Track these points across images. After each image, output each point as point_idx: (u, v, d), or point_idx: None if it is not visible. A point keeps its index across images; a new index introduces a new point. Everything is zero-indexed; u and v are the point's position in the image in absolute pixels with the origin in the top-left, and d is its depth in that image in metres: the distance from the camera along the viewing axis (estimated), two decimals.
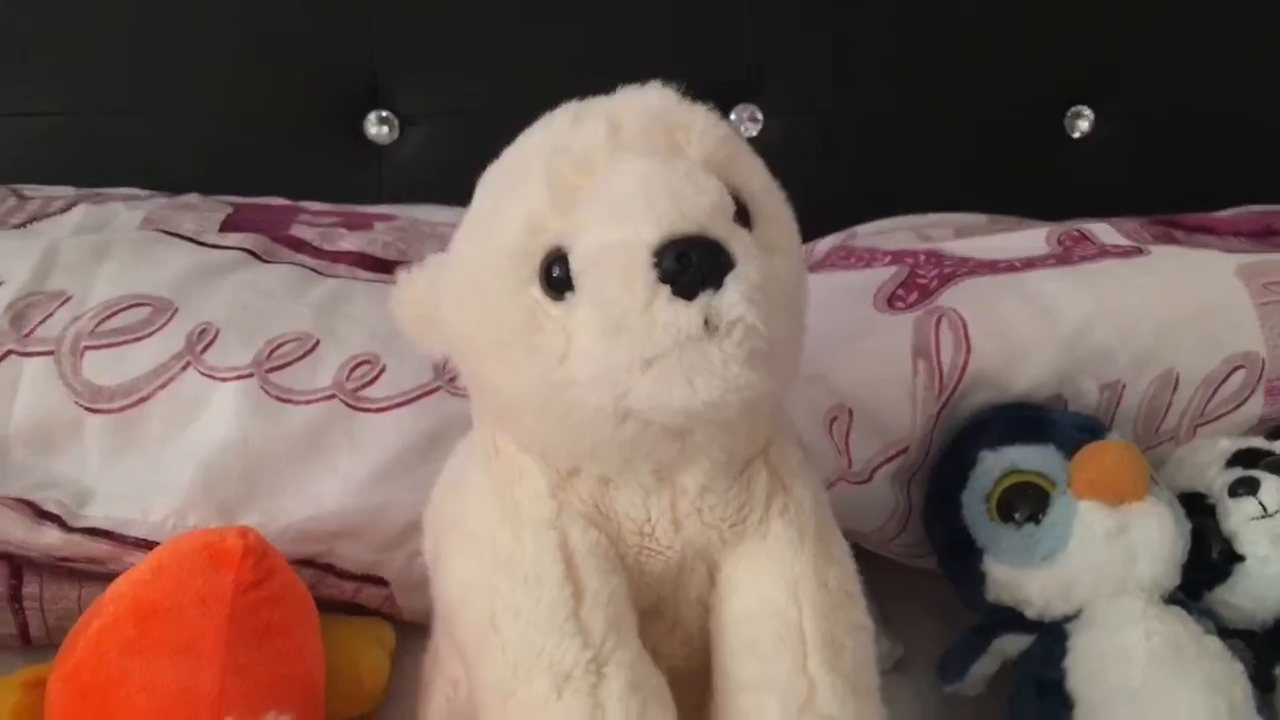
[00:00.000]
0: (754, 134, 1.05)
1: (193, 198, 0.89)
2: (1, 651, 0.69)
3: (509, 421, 0.52)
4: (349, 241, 0.82)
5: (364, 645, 0.67)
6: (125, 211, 0.82)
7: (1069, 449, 0.67)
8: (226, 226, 0.81)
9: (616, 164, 0.46)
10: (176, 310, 0.70)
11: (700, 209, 0.44)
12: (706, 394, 0.44)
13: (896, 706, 0.54)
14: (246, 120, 0.99)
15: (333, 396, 0.69)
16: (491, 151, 0.52)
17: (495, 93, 1.00)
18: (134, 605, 0.56)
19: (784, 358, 0.48)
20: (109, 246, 0.74)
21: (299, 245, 0.80)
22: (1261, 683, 0.64)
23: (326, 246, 0.81)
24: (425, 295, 0.54)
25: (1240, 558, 0.68)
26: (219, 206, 0.86)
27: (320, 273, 0.77)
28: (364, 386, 0.70)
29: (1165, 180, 1.11)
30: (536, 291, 0.47)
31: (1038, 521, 0.65)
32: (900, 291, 0.77)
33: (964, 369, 0.72)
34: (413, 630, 0.69)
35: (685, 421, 0.47)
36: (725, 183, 0.46)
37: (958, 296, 0.76)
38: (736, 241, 0.44)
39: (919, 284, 0.77)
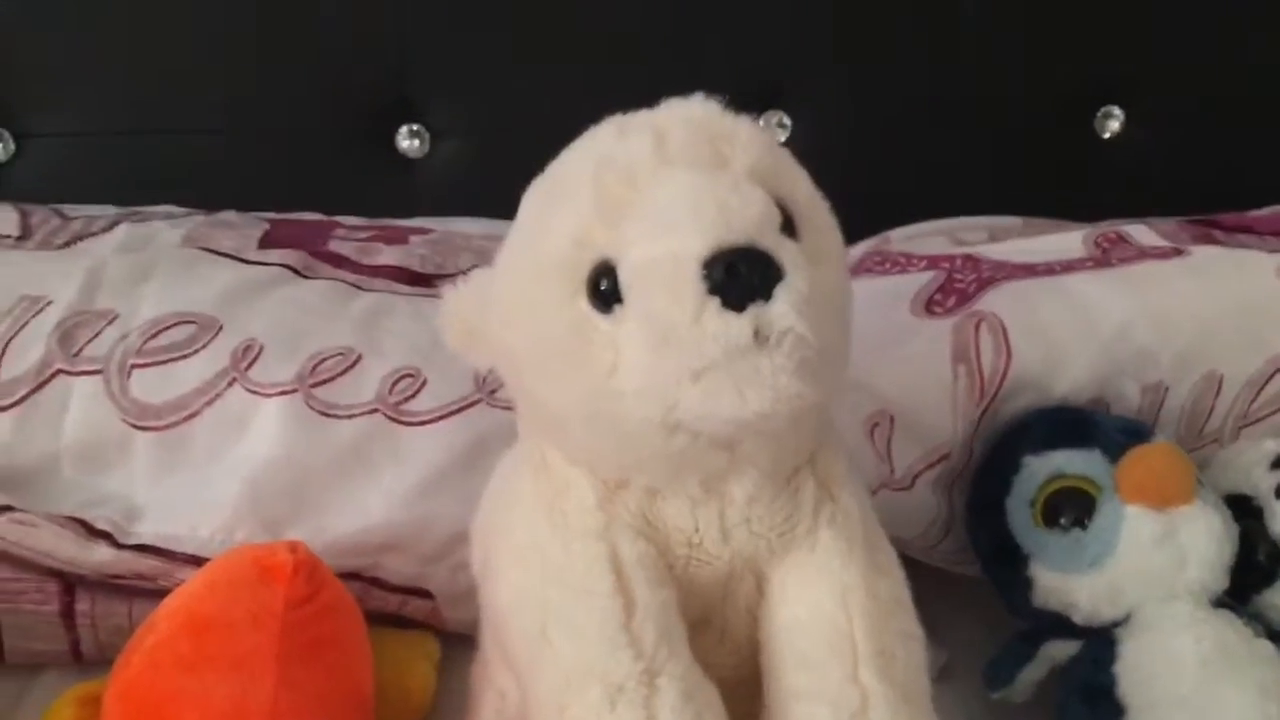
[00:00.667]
0: (783, 139, 1.05)
1: (230, 215, 0.90)
2: (53, 668, 0.69)
3: (556, 434, 0.52)
4: (387, 256, 0.82)
5: (411, 658, 0.68)
6: (166, 230, 0.83)
7: (1114, 453, 0.66)
8: (265, 243, 0.82)
9: (662, 177, 0.46)
10: (221, 327, 0.71)
11: (748, 220, 0.44)
12: (757, 405, 0.44)
13: (942, 715, 0.54)
14: (278, 135, 1.00)
15: (376, 410, 0.70)
16: (522, 164, 0.53)
17: (525, 106, 1.01)
18: (188, 621, 0.56)
19: (832, 367, 0.47)
20: (153, 265, 0.75)
21: (338, 260, 0.81)
22: None
23: (365, 261, 0.81)
24: (471, 309, 0.54)
25: None
26: (256, 223, 0.86)
27: (360, 287, 0.78)
28: (406, 400, 0.70)
29: (1196, 180, 1.10)
30: (584, 305, 0.47)
31: (1084, 527, 0.65)
32: (938, 296, 0.77)
33: (1005, 373, 0.72)
34: (458, 642, 0.69)
35: (735, 432, 0.47)
36: (771, 193, 0.46)
37: (997, 300, 0.76)
38: (784, 252, 0.44)
39: (957, 288, 0.77)
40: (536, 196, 0.52)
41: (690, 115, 0.48)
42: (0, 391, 0.67)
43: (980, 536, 0.71)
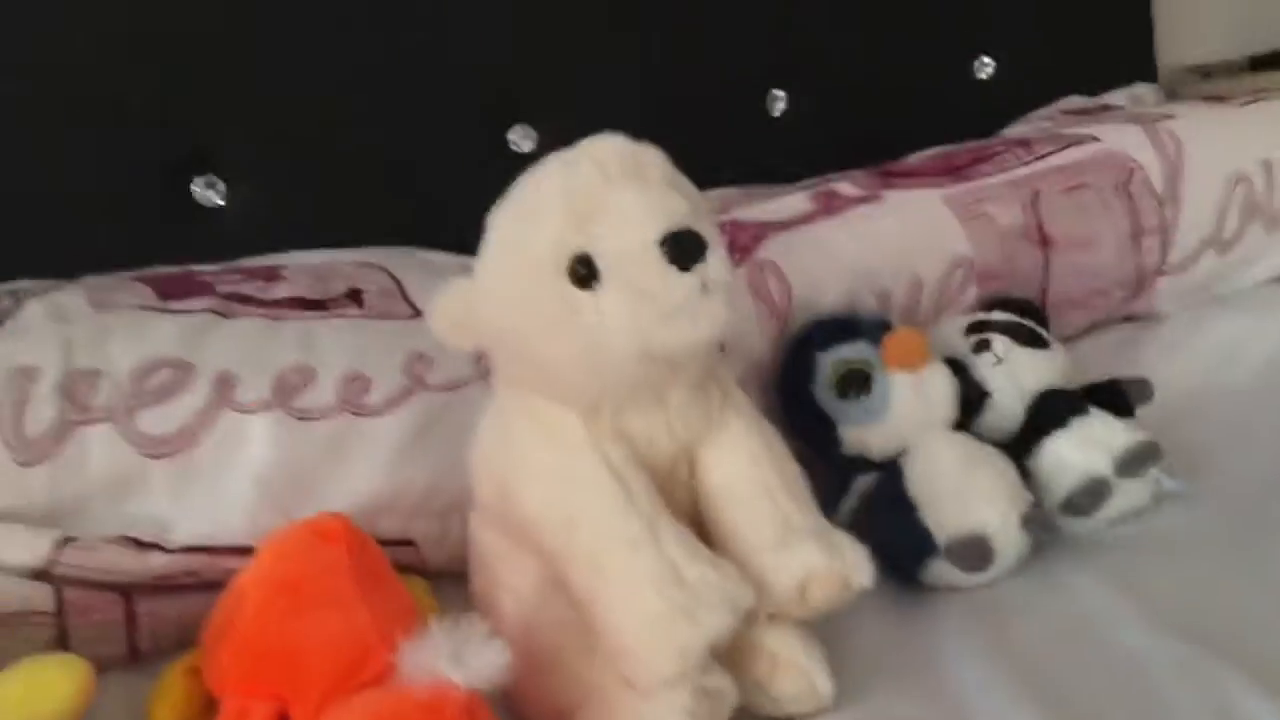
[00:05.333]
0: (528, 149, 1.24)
1: (92, 279, 1.00)
2: (108, 671, 0.80)
3: (550, 381, 0.73)
4: (283, 290, 0.97)
5: (412, 584, 0.85)
6: (66, 299, 0.93)
7: (875, 340, 0.95)
8: (165, 295, 0.94)
9: (615, 190, 0.68)
10: (193, 366, 0.85)
11: (681, 211, 0.68)
12: (707, 331, 0.68)
13: None
14: (79, 198, 1.07)
15: (341, 410, 0.87)
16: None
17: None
18: (279, 584, 0.72)
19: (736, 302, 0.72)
20: (107, 327, 0.86)
21: (246, 299, 0.95)
22: None
23: (267, 297, 0.96)
24: (460, 308, 0.74)
25: (987, 394, 0.99)
26: (130, 283, 0.97)
27: (278, 319, 0.93)
28: (361, 397, 0.88)
29: (846, 143, 1.43)
30: (566, 287, 0.69)
31: (868, 393, 0.94)
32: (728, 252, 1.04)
33: (789, 302, 1.00)
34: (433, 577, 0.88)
35: (689, 352, 0.70)
36: (679, 193, 0.70)
37: (771, 250, 1.04)
38: (705, 230, 0.68)
39: (740, 245, 1.04)
40: (507, 217, 0.73)
41: (614, 147, 0.71)
42: (33, 450, 0.78)
43: (795, 416, 0.98)
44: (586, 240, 0.68)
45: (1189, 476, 0.96)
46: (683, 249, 0.67)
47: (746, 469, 0.76)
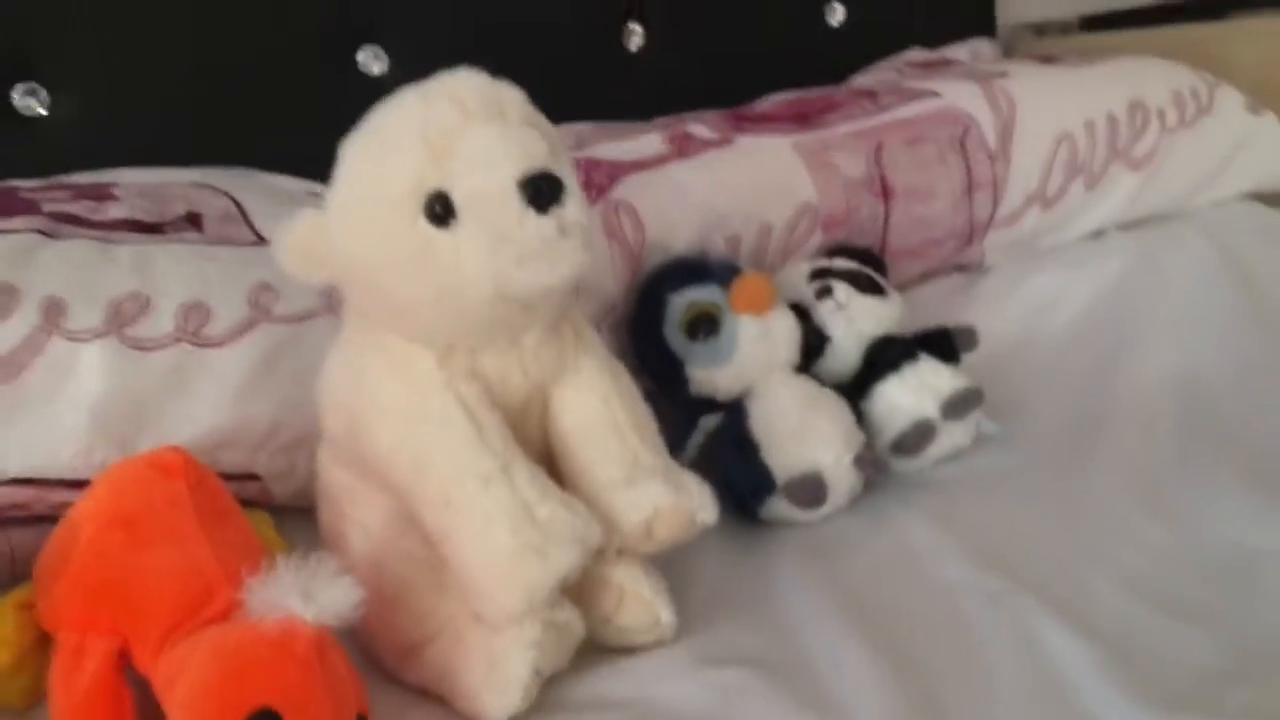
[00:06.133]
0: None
1: None
2: None
3: (404, 320, 0.72)
4: (116, 211, 0.93)
5: (257, 520, 0.84)
6: None
7: (724, 283, 0.98)
8: None
9: (472, 130, 0.68)
10: (19, 290, 0.81)
11: (541, 153, 0.68)
12: (564, 272, 0.69)
13: None
14: None
15: (179, 340, 0.84)
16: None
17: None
18: (115, 515, 0.70)
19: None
20: None
21: (75, 220, 0.90)
22: None
23: (98, 218, 0.92)
24: (310, 240, 0.72)
25: (828, 339, 1.03)
26: None
27: (111, 241, 0.89)
28: (201, 328, 0.85)
29: (699, 82, 1.45)
30: (422, 223, 0.68)
31: (716, 335, 0.96)
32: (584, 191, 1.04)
33: (643, 243, 1.02)
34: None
35: (544, 294, 0.71)
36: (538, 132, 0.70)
37: (626, 190, 1.04)
38: (563, 172, 0.69)
39: (595, 184, 1.05)
40: (364, 149, 0.71)
41: (474, 84, 0.70)
42: None
43: (647, 355, 1.00)
44: (443, 178, 0.68)
45: (1007, 420, 1.03)
46: (541, 192, 0.67)
47: (598, 409, 0.78)
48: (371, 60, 1.22)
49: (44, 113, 1.08)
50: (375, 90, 0.74)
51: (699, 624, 0.78)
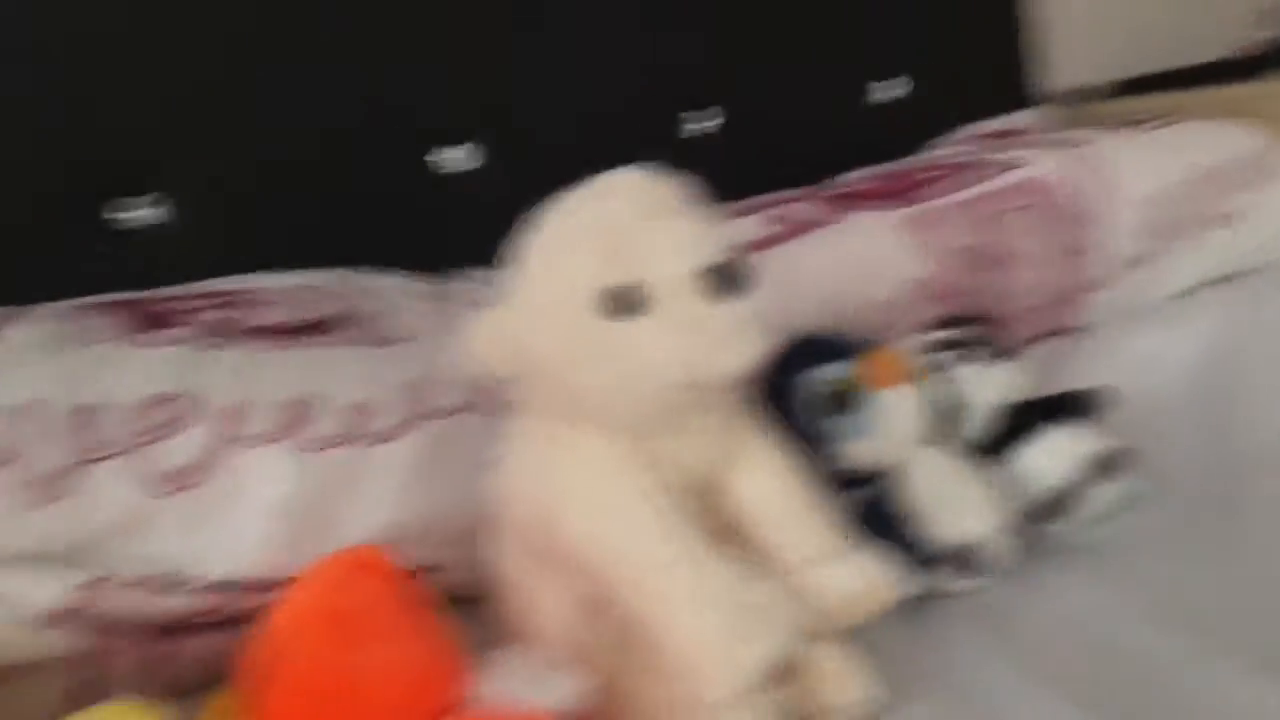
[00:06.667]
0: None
1: (48, 308, 0.95)
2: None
3: (586, 411, 0.73)
4: (270, 316, 0.95)
5: None
6: (40, 329, 0.88)
7: (854, 359, 0.99)
8: (148, 327, 0.90)
9: (649, 226, 0.70)
10: (197, 398, 0.82)
11: (721, 244, 0.70)
12: (749, 359, 0.70)
13: None
14: None
15: (343, 442, 0.85)
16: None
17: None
18: (328, 618, 0.70)
19: None
20: (103, 359, 0.83)
21: (232, 327, 0.92)
22: None
23: (254, 323, 0.94)
24: (500, 335, 0.74)
25: (963, 407, 1.04)
26: (94, 311, 0.94)
27: (281, 348, 0.90)
28: (366, 425, 0.87)
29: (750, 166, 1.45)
30: (603, 320, 0.70)
31: (857, 411, 0.97)
32: None
33: None
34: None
35: (732, 379, 0.72)
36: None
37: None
38: (740, 263, 0.71)
39: None
40: (544, 248, 0.73)
41: (643, 181, 0.72)
42: (43, 487, 0.74)
43: (784, 435, 1.01)
44: (625, 273, 0.69)
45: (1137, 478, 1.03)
46: (725, 280, 0.69)
47: (778, 488, 0.79)
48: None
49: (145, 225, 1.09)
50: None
51: (895, 698, 0.78)
